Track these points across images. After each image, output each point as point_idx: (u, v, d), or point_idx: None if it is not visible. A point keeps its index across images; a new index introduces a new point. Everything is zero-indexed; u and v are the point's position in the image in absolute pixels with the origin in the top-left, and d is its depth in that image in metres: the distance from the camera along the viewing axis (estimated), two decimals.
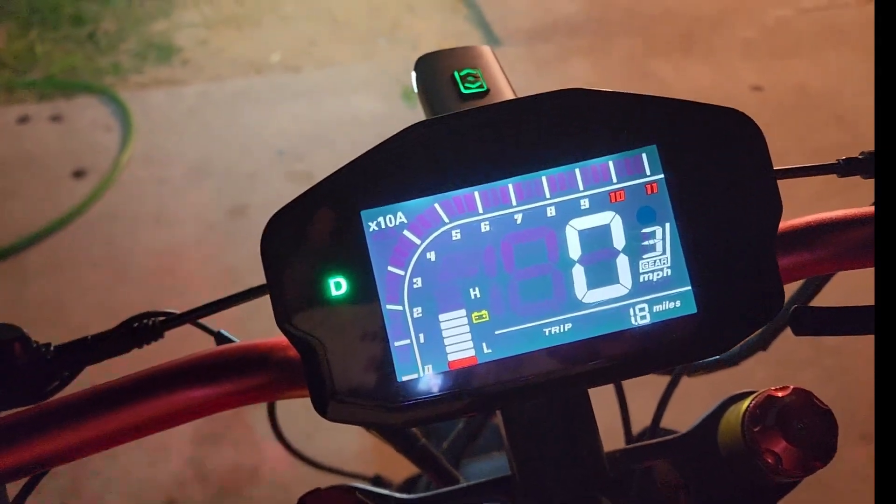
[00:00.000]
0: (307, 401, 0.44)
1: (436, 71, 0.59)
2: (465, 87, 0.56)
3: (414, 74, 0.61)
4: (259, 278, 0.46)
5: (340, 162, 0.45)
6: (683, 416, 0.68)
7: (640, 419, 0.80)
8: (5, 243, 2.38)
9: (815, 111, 2.81)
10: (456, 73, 0.57)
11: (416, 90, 0.60)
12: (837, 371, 1.96)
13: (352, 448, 1.81)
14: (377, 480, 1.04)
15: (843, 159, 0.56)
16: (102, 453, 0.48)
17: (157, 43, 3.31)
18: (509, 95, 0.56)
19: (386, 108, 2.86)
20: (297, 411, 0.90)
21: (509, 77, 0.59)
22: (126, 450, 1.87)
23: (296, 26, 3.42)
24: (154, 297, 2.21)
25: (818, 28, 3.27)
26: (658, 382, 0.78)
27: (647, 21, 3.36)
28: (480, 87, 0.56)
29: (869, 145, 0.55)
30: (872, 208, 0.52)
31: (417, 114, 0.61)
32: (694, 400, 0.79)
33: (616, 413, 0.80)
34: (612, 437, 0.79)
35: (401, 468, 0.97)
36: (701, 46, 3.19)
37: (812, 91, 2.91)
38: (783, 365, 1.91)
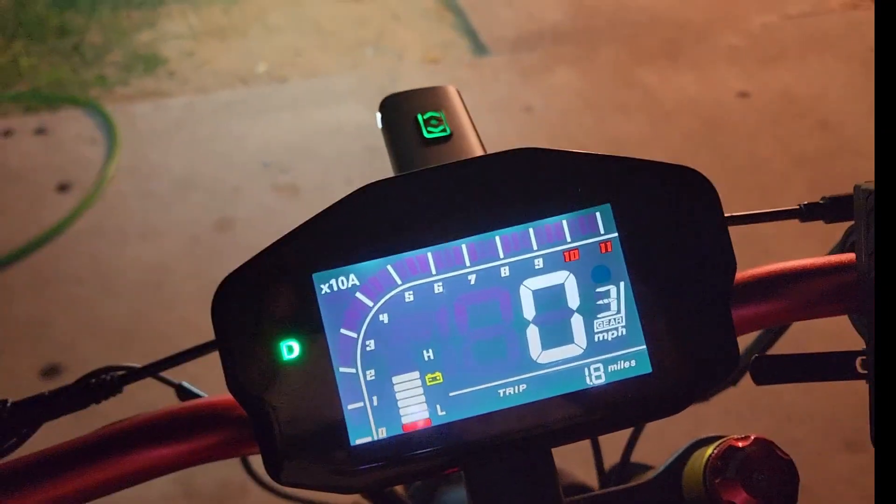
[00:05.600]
0: None
1: (400, 113, 0.59)
2: (428, 132, 0.56)
3: (379, 115, 0.61)
4: None
5: (325, 173, 0.45)
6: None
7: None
8: None
9: (801, 117, 2.82)
10: (419, 116, 0.57)
11: (381, 130, 0.60)
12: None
13: None
14: None
15: (804, 204, 0.55)
16: None
17: (143, 54, 3.30)
18: (473, 140, 0.56)
19: (371, 119, 2.85)
20: None
21: (497, 86, 0.58)
22: None
23: (282, 37, 3.41)
24: (140, 313, 2.20)
25: (803, 34, 3.28)
26: None
27: (632, 29, 3.36)
28: (443, 130, 0.56)
29: (853, 150, 0.55)
30: (832, 258, 0.52)
31: None
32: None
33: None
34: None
35: None
36: (687, 54, 3.19)
37: (798, 97, 2.92)
38: None
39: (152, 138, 2.84)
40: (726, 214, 0.51)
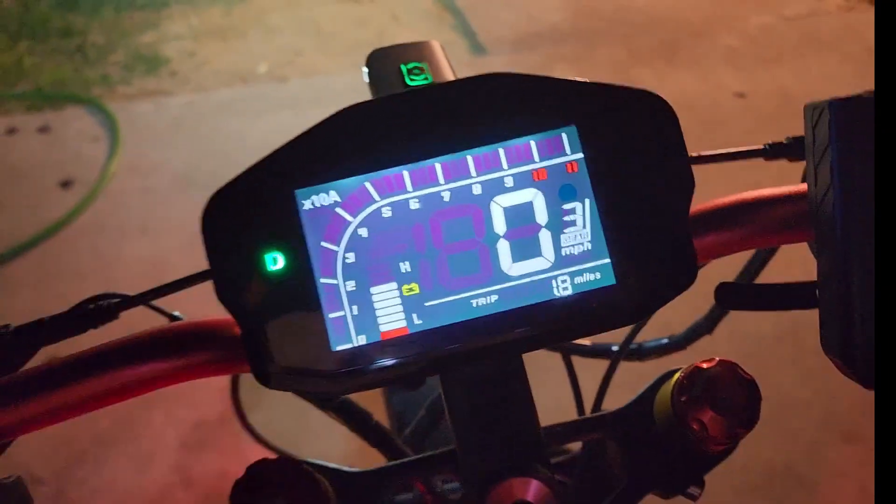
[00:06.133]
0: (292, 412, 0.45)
1: (385, 65, 0.61)
2: (411, 79, 0.58)
3: (365, 69, 0.63)
4: None
5: None
6: None
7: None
8: None
9: (797, 116, 2.81)
10: (403, 67, 0.60)
11: (367, 83, 0.62)
12: (819, 370, 1.98)
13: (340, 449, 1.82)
14: None
15: (769, 144, 0.58)
16: (89, 461, 0.50)
17: (145, 55, 3.34)
18: None
19: None
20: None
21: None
22: (113, 457, 1.89)
23: (282, 38, 3.45)
24: (141, 308, 2.21)
25: (800, 35, 3.31)
26: (629, 369, 0.80)
27: (631, 30, 3.40)
28: (425, 79, 0.59)
29: None
30: (788, 188, 0.54)
31: None
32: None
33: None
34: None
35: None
36: (684, 54, 3.22)
37: (794, 97, 2.94)
38: (762, 367, 1.93)
39: (153, 136, 2.87)
40: (693, 154, 0.54)
